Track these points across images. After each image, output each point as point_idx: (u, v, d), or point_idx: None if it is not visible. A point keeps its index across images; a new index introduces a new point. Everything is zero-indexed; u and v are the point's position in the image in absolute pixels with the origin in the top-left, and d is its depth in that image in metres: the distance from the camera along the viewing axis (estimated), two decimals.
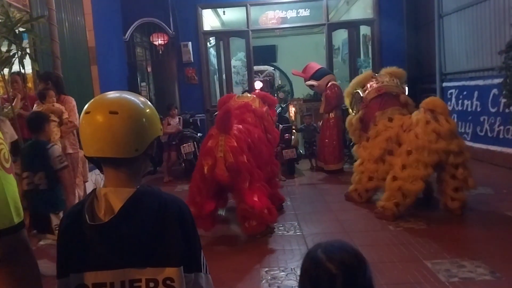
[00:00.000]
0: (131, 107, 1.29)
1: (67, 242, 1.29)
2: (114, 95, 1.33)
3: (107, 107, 1.27)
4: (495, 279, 3.33)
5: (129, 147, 1.28)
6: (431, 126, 4.70)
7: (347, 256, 1.22)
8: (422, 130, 4.72)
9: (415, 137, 4.76)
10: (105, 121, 1.25)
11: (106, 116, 1.26)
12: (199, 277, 1.33)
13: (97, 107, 1.28)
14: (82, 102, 7.07)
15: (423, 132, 4.71)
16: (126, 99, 1.31)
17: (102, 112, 1.26)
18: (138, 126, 1.29)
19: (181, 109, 9.34)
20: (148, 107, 1.34)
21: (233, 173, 4.38)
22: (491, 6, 7.28)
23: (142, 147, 1.30)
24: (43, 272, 1.33)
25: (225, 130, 4.53)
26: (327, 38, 10.26)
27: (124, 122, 1.26)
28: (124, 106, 1.28)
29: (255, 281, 3.60)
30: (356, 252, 1.24)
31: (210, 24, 11.58)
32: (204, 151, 4.60)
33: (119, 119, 1.26)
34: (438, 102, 4.99)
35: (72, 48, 7.01)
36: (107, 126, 1.25)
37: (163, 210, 1.29)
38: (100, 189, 1.30)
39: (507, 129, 6.69)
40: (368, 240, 4.31)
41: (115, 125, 1.25)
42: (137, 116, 1.29)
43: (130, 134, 1.27)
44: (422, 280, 3.37)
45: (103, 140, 1.26)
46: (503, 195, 5.38)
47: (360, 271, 1.21)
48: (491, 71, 7.12)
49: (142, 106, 1.32)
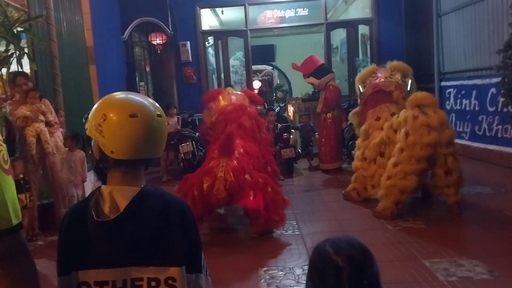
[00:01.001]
0: (161, 110, 1.37)
1: (70, 239, 1.29)
2: (142, 98, 1.37)
3: (154, 111, 1.33)
4: (493, 278, 3.33)
5: (162, 148, 1.38)
6: (420, 120, 4.69)
7: (354, 250, 1.25)
8: (411, 126, 4.72)
9: (405, 135, 4.77)
10: (157, 124, 1.32)
11: (156, 119, 1.32)
12: (200, 278, 1.33)
13: (145, 111, 1.30)
14: (81, 101, 7.10)
15: (412, 128, 4.71)
16: (154, 102, 1.38)
17: (152, 115, 1.31)
18: (165, 128, 1.39)
19: (179, 108, 9.33)
20: (160, 109, 1.40)
21: (232, 192, 4.38)
22: (489, 5, 7.29)
23: (164, 147, 1.41)
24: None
25: (228, 154, 4.58)
26: (325, 38, 10.27)
27: (164, 125, 1.37)
28: (160, 109, 1.37)
29: (254, 281, 3.61)
30: (363, 247, 1.27)
31: (208, 24, 11.58)
32: (204, 171, 4.62)
33: (163, 122, 1.35)
34: (423, 95, 4.96)
35: (70, 47, 7.00)
36: (159, 129, 1.33)
37: (167, 210, 1.30)
38: (105, 187, 1.31)
39: (505, 128, 6.70)
40: (366, 239, 4.26)
41: (163, 128, 1.36)
42: (163, 119, 1.38)
43: (164, 135, 1.38)
44: (421, 279, 3.38)
45: (155, 142, 1.33)
46: (501, 194, 5.40)
47: (367, 265, 1.24)
48: (489, 70, 7.13)
49: (155, 108, 1.37)
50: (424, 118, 4.67)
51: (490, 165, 7.08)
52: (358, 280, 1.21)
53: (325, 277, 1.23)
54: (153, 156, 1.35)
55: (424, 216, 4.87)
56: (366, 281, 1.23)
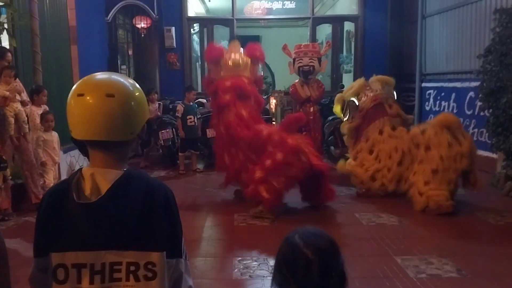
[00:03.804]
0: (126, 90, 1.28)
1: (49, 220, 1.26)
2: (107, 77, 1.30)
3: (104, 90, 1.24)
4: (461, 277, 3.43)
5: (125, 131, 1.28)
6: (455, 149, 4.97)
7: (323, 242, 1.28)
8: (445, 153, 4.98)
9: (440, 159, 4.98)
10: (103, 104, 1.23)
11: (103, 99, 1.23)
12: (179, 263, 1.33)
13: (92, 90, 1.25)
14: (61, 81, 6.96)
15: (447, 155, 4.96)
16: (121, 82, 1.29)
17: (99, 95, 1.23)
18: (133, 109, 1.28)
19: (161, 94, 9.24)
20: (138, 90, 1.33)
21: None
22: (473, 10, 7.40)
23: (136, 130, 1.31)
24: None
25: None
26: (311, 32, 10.28)
27: (121, 106, 1.25)
28: (120, 89, 1.27)
29: (228, 269, 3.63)
30: (331, 239, 1.30)
31: (194, 10, 11.45)
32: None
33: (116, 102, 1.24)
34: (451, 118, 5.29)
35: (52, 26, 6.84)
36: (105, 110, 1.23)
37: (150, 194, 1.28)
38: (86, 168, 1.29)
39: (481, 131, 6.84)
40: (340, 234, 4.38)
41: (113, 109, 1.24)
42: (132, 99, 1.28)
43: (126, 117, 1.27)
44: (391, 275, 3.45)
45: (100, 123, 1.23)
46: (473, 196, 5.52)
47: (335, 257, 1.27)
48: (469, 74, 7.27)
49: (133, 89, 1.31)
50: (459, 148, 4.97)
51: None
52: (327, 271, 1.24)
53: (295, 269, 1.25)
54: (114, 138, 1.26)
55: (397, 214, 4.96)
56: (334, 273, 1.26)
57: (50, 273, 1.23)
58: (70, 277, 1.22)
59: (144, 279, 1.23)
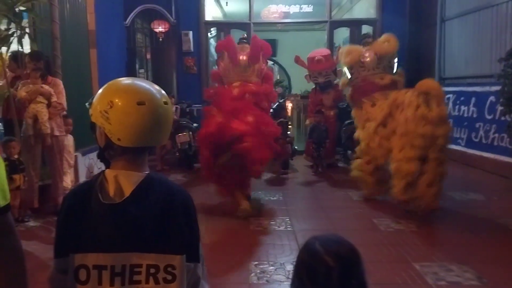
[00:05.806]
0: (167, 97, 1.37)
1: (71, 220, 1.27)
2: (148, 85, 1.37)
3: (161, 98, 1.33)
4: (482, 285, 3.35)
5: (167, 136, 1.40)
6: (420, 111, 4.65)
7: (343, 249, 1.26)
8: (411, 115, 4.73)
9: (405, 121, 4.78)
10: (164, 112, 1.32)
11: (163, 107, 1.32)
12: (197, 268, 1.34)
13: (152, 99, 1.30)
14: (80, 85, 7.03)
15: (412, 117, 4.71)
16: (160, 89, 1.37)
17: (159, 103, 1.31)
18: (171, 116, 1.41)
19: (178, 98, 9.30)
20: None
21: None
22: (493, 13, 7.29)
23: (169, 135, 1.42)
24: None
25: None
26: (328, 36, 10.23)
27: (170, 113, 1.37)
28: (166, 96, 1.36)
29: (244, 274, 3.61)
30: (352, 247, 1.29)
31: (212, 15, 11.51)
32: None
33: (168, 110, 1.35)
34: (432, 85, 4.89)
35: (72, 30, 6.94)
36: (163, 118, 1.33)
37: (171, 198, 1.30)
38: (109, 171, 1.31)
39: (502, 137, 6.73)
40: (357, 240, 4.26)
41: (167, 116, 1.35)
42: (171, 106, 1.39)
43: (170, 124, 1.39)
44: (410, 282, 3.40)
45: (156, 131, 1.31)
46: (493, 202, 5.42)
47: (356, 264, 1.26)
48: (490, 78, 7.15)
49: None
50: (425, 111, 4.62)
51: (485, 172, 7.11)
52: (348, 279, 1.23)
53: (315, 276, 1.23)
54: (158, 144, 1.37)
55: (416, 219, 4.88)
56: (354, 281, 1.24)
57: (71, 274, 1.24)
58: (91, 278, 1.23)
59: (164, 282, 1.24)
